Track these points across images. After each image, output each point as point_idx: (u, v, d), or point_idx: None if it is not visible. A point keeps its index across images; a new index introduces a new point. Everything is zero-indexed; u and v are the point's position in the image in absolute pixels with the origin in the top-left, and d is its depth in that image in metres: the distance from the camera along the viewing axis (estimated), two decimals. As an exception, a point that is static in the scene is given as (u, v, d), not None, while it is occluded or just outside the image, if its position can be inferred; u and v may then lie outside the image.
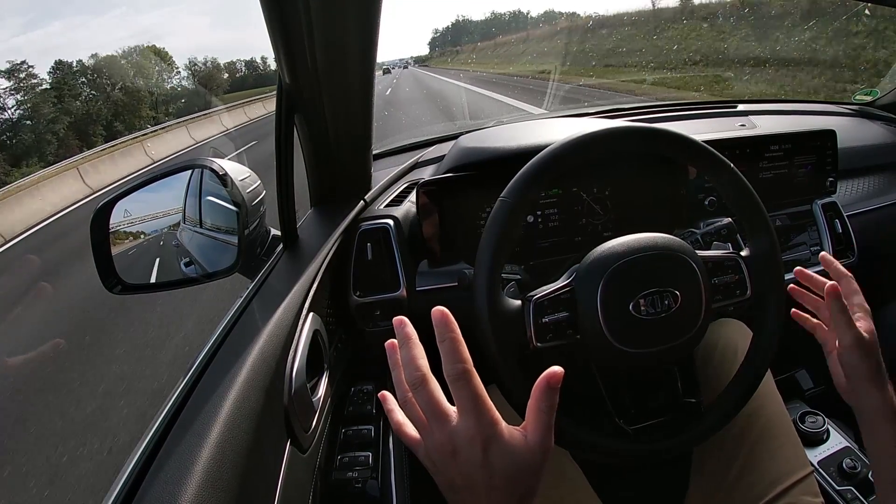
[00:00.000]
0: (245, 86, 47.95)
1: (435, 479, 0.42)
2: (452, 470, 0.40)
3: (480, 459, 0.38)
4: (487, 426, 0.39)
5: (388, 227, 0.83)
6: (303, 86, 0.65)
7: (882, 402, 0.53)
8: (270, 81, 40.55)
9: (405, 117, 9.30)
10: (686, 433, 0.59)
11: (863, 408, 0.54)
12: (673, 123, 1.15)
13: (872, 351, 0.54)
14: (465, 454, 0.39)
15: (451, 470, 0.40)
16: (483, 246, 0.53)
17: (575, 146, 0.56)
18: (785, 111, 1.27)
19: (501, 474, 0.39)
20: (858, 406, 0.55)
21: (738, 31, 7.75)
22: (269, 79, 44.77)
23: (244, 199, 0.66)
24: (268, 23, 0.56)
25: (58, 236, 6.53)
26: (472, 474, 0.39)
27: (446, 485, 0.41)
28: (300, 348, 0.59)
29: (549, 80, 10.28)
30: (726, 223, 0.81)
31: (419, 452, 0.42)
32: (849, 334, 0.54)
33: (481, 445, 0.38)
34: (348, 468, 0.68)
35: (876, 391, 0.53)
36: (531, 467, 0.40)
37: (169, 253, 0.70)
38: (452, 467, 0.39)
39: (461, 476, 0.39)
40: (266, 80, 46.38)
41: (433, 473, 0.42)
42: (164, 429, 0.43)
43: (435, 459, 0.41)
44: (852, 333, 0.54)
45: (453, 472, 0.40)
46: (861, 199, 1.07)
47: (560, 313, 0.55)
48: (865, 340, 0.54)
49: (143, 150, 11.82)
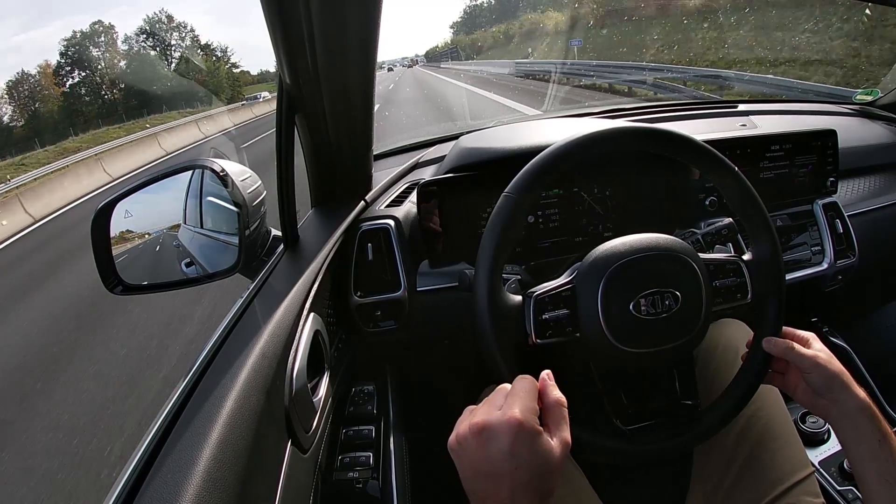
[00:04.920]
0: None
1: (458, 465, 0.43)
2: (480, 454, 0.40)
3: (508, 447, 0.40)
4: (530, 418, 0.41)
5: (388, 228, 0.83)
6: (303, 86, 0.65)
7: (859, 398, 0.55)
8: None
9: (406, 118, 9.31)
10: (686, 434, 0.59)
11: (843, 412, 0.55)
12: (674, 123, 1.15)
13: (832, 362, 0.57)
14: (497, 438, 0.40)
15: (478, 454, 0.41)
16: (485, 240, 0.54)
17: (579, 145, 0.56)
18: (785, 111, 1.27)
19: (527, 468, 0.40)
20: (838, 412, 0.56)
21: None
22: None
23: (245, 200, 0.66)
24: (268, 23, 0.56)
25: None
26: (496, 460, 0.40)
27: (470, 472, 0.42)
28: (301, 349, 0.59)
29: (550, 80, 10.29)
30: (727, 223, 0.81)
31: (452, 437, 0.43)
32: (805, 360, 0.57)
33: (517, 435, 0.40)
34: (349, 468, 0.68)
35: (851, 389, 0.55)
36: (553, 463, 0.41)
37: (170, 253, 0.70)
38: (481, 452, 0.40)
39: (487, 461, 0.40)
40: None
41: (458, 458, 0.43)
42: (166, 429, 0.43)
43: (463, 441, 0.42)
44: (807, 359, 0.57)
45: (481, 456, 0.40)
46: (862, 199, 1.07)
47: (560, 310, 0.55)
48: (822, 357, 0.57)
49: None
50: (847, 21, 5.18)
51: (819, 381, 0.56)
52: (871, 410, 0.54)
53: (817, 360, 0.56)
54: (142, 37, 45.82)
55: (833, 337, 1.13)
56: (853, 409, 0.54)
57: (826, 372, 0.56)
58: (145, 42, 45.85)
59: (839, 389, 0.55)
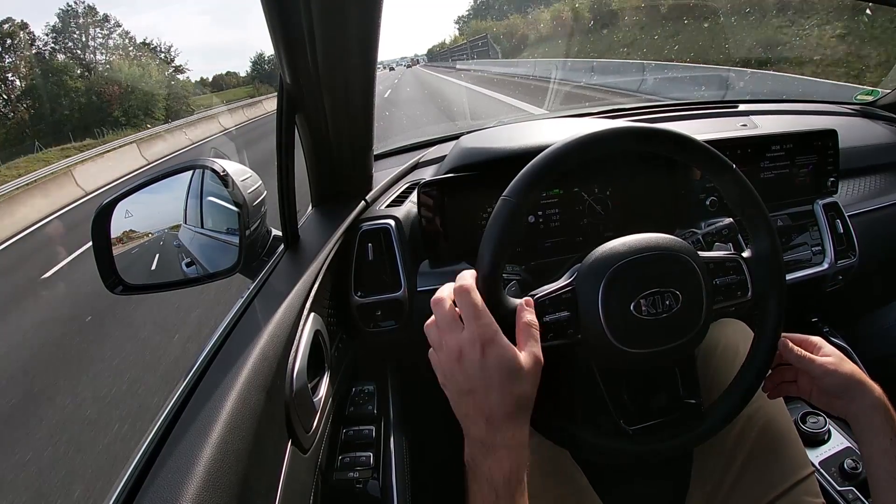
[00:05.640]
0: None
1: (447, 392, 0.49)
2: (459, 374, 0.46)
3: (479, 360, 0.45)
4: (486, 330, 0.46)
5: (389, 228, 0.83)
6: (304, 86, 0.65)
7: (874, 395, 0.55)
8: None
9: (405, 117, 9.25)
10: (687, 434, 0.59)
11: (859, 409, 0.56)
12: (674, 123, 1.15)
13: (843, 364, 0.58)
14: (468, 356, 0.46)
15: (457, 374, 0.46)
16: (484, 244, 0.53)
17: (577, 146, 0.56)
18: (786, 111, 1.27)
19: (497, 373, 0.45)
20: (856, 410, 0.56)
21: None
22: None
23: (245, 200, 0.67)
24: (269, 23, 0.56)
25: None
26: (472, 375, 0.45)
27: (455, 393, 0.47)
28: (301, 349, 0.59)
29: (550, 80, 10.19)
30: (727, 223, 0.81)
31: (438, 373, 0.49)
32: (816, 368, 0.58)
33: (480, 346, 0.45)
34: (349, 468, 0.69)
35: (866, 387, 0.56)
36: (523, 370, 0.46)
37: (170, 253, 0.70)
38: (459, 371, 0.46)
39: (465, 378, 0.46)
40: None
41: (445, 386, 0.48)
42: (166, 428, 0.43)
43: (446, 370, 0.47)
44: (818, 366, 0.58)
45: (459, 376, 0.46)
46: (862, 199, 1.07)
47: (561, 313, 0.55)
48: (833, 361, 0.58)
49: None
50: (847, 21, 5.19)
51: (833, 385, 0.57)
52: (886, 407, 0.55)
53: (827, 367, 0.57)
54: (50, 36, 31.35)
55: (833, 337, 1.13)
56: (868, 407, 0.55)
57: (839, 375, 0.56)
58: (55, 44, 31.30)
59: (854, 389, 0.56)
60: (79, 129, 22.89)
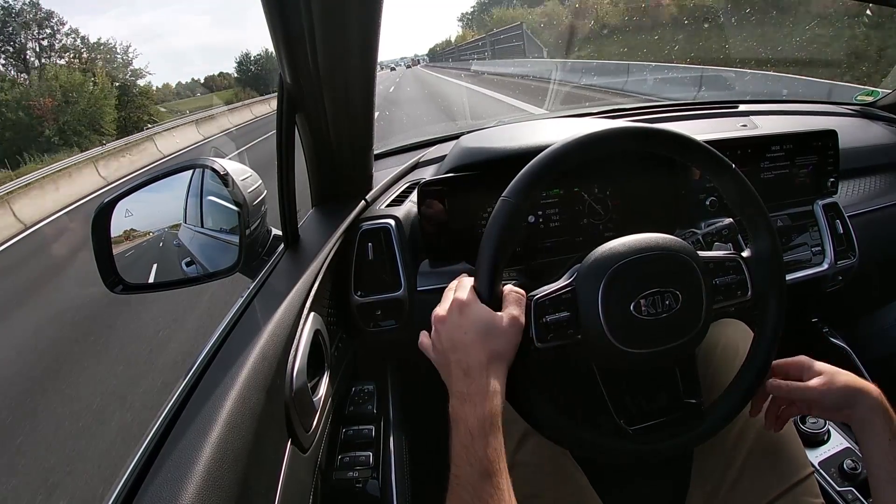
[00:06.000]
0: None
1: (437, 365, 0.53)
2: (443, 336, 0.52)
3: (458, 320, 0.51)
4: (465, 295, 0.52)
5: (389, 227, 0.83)
6: (304, 86, 0.65)
7: (872, 397, 0.55)
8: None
9: (406, 117, 9.23)
10: (687, 433, 0.59)
11: (860, 413, 0.56)
12: (674, 124, 1.15)
13: (835, 379, 0.58)
14: (450, 318, 0.52)
15: (441, 338, 0.52)
16: (484, 245, 0.53)
17: (576, 146, 0.56)
18: (786, 111, 1.27)
19: (473, 330, 0.50)
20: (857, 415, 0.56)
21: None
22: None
23: (245, 199, 0.67)
24: (269, 23, 0.56)
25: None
26: (453, 335, 0.51)
27: (442, 358, 0.52)
28: (301, 348, 0.59)
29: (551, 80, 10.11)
30: (727, 223, 0.81)
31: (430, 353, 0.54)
32: (808, 392, 0.58)
33: (459, 309, 0.51)
34: (349, 468, 0.69)
35: (863, 392, 0.56)
36: (499, 328, 0.50)
37: (170, 252, 0.70)
38: (443, 333, 0.52)
39: (448, 340, 0.51)
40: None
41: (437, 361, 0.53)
42: (166, 428, 0.43)
43: (434, 340, 0.53)
44: (809, 391, 0.58)
45: (443, 338, 0.51)
46: (862, 200, 1.07)
47: (561, 313, 0.55)
48: (823, 381, 0.58)
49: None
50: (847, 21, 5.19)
51: (831, 401, 0.57)
52: (885, 408, 0.55)
53: (821, 388, 0.57)
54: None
55: (833, 337, 1.13)
56: (867, 409, 0.55)
57: (835, 391, 0.57)
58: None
59: (852, 398, 0.56)
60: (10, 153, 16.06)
